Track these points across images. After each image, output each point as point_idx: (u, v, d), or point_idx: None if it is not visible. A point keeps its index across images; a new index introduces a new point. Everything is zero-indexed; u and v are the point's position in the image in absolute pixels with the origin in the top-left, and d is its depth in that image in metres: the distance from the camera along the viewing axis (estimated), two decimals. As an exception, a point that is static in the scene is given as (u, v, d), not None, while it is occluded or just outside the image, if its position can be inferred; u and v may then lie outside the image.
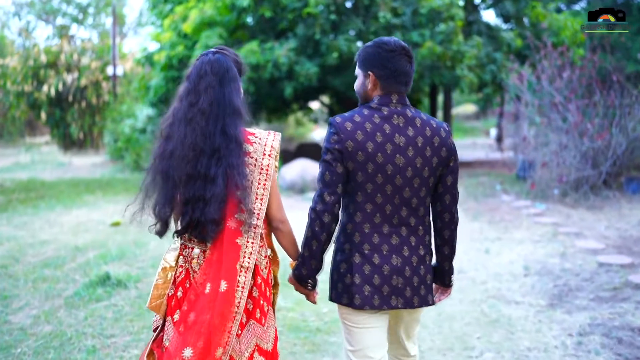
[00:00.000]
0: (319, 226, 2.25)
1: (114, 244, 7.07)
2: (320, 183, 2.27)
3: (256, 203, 2.27)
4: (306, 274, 2.35)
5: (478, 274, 5.79)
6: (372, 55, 2.33)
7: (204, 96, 2.26)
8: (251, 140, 2.30)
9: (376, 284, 2.28)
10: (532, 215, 8.54)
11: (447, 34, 12.82)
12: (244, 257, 2.23)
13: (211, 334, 2.15)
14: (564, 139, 10.19)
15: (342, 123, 2.27)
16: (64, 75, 24.78)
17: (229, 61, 2.34)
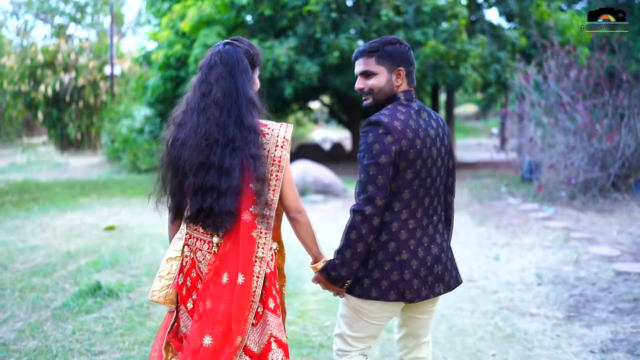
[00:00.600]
0: (367, 229, 2.25)
1: (107, 249, 6.78)
2: (371, 187, 2.24)
3: (269, 194, 2.28)
4: (346, 275, 2.33)
5: (488, 283, 5.51)
6: (398, 52, 2.39)
7: (216, 86, 2.28)
8: (264, 131, 2.30)
9: (422, 276, 2.35)
10: (541, 219, 8.26)
11: (450, 32, 12.55)
12: (259, 247, 2.27)
13: (230, 323, 2.20)
14: (571, 140, 9.91)
15: (391, 122, 2.28)
16: (61, 75, 24.52)
17: (240, 52, 2.33)
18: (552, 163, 9.90)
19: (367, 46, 2.42)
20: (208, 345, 2.20)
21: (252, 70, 2.36)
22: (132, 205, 10.21)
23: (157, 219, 8.81)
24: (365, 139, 2.29)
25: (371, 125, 2.28)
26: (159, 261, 6.27)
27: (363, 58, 2.42)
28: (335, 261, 2.33)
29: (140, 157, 16.15)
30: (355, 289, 2.37)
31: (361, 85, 2.45)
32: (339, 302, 4.76)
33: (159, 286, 2.40)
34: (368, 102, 2.46)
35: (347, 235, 2.29)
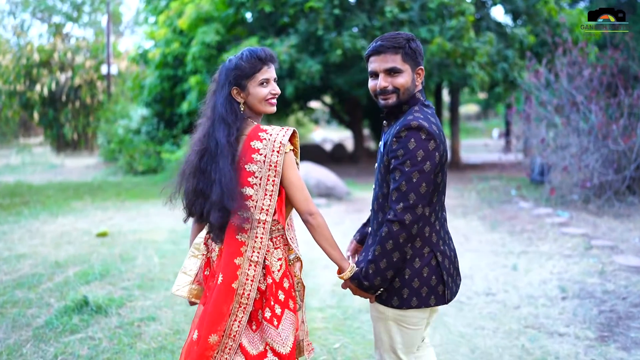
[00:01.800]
0: (404, 239, 2.19)
1: (98, 258, 6.36)
2: (414, 194, 2.17)
3: (265, 199, 2.30)
4: (379, 284, 2.27)
5: (509, 297, 5.09)
6: (419, 50, 2.33)
7: (209, 100, 2.45)
8: (261, 137, 2.33)
9: (452, 273, 2.37)
10: (557, 224, 7.84)
11: (457, 29, 12.12)
12: (253, 251, 2.30)
13: (205, 321, 2.29)
14: (584, 141, 9.49)
15: (430, 127, 2.20)
16: (57, 75, 24.09)
17: (224, 68, 2.41)
18: (565, 165, 9.48)
19: (390, 41, 2.28)
20: (194, 340, 2.34)
21: (229, 85, 2.37)
22: (127, 209, 9.78)
23: (152, 225, 8.44)
24: (406, 144, 2.18)
25: (412, 130, 2.17)
26: (152, 271, 5.86)
27: (387, 54, 2.28)
28: (369, 270, 2.25)
29: (136, 158, 15.71)
30: (394, 300, 2.31)
31: (385, 83, 2.29)
32: (348, 319, 4.34)
33: (183, 282, 2.52)
34: (390, 101, 2.32)
35: (382, 244, 2.20)
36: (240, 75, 2.37)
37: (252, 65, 2.36)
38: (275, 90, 2.42)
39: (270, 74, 2.40)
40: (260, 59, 2.37)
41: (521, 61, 13.92)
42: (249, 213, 2.29)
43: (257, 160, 2.30)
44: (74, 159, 21.46)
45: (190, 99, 14.32)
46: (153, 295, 5.13)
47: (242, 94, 2.39)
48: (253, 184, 2.31)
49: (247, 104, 2.41)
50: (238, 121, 2.36)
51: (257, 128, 2.36)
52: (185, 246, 6.99)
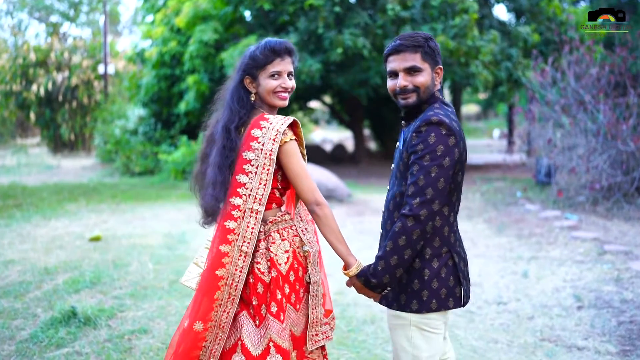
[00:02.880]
0: (418, 235, 2.14)
1: (90, 265, 6.09)
2: (431, 189, 2.14)
3: (259, 188, 2.27)
4: (387, 282, 2.22)
5: (521, 307, 4.82)
6: (437, 49, 2.32)
7: (225, 87, 2.47)
8: (262, 125, 2.31)
9: (466, 275, 2.35)
10: (566, 228, 7.58)
11: (460, 27, 11.86)
12: (244, 241, 2.26)
13: (192, 309, 2.29)
14: (592, 141, 9.23)
15: (450, 123, 2.18)
16: (54, 74, 23.82)
17: (242, 56, 2.44)
18: (573, 166, 9.22)
19: (409, 40, 2.27)
20: (184, 328, 2.31)
21: (241, 73, 2.40)
22: (122, 211, 9.51)
23: (147, 228, 8.17)
24: (426, 139, 2.15)
25: (432, 125, 2.15)
26: (146, 279, 5.59)
27: (407, 53, 2.26)
28: (378, 267, 2.20)
29: (133, 159, 15.43)
30: (412, 303, 2.25)
31: (405, 82, 2.27)
32: (352, 331, 4.07)
33: (193, 273, 2.51)
34: (410, 100, 2.29)
35: (394, 240, 2.16)
36: (253, 65, 2.38)
37: (265, 56, 2.36)
38: (285, 84, 2.39)
39: (283, 67, 2.38)
40: (273, 50, 2.36)
41: (525, 60, 13.66)
42: (240, 200, 2.28)
43: (254, 148, 2.29)
44: (71, 159, 21.18)
45: (187, 98, 14.07)
46: (146, 304, 4.86)
47: (254, 84, 2.40)
48: (248, 172, 2.29)
49: (258, 95, 2.41)
50: (243, 109, 2.37)
51: (261, 117, 2.35)
52: (181, 252, 6.73)
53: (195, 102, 14.02)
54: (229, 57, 12.30)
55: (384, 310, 4.76)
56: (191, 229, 7.97)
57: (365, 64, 12.99)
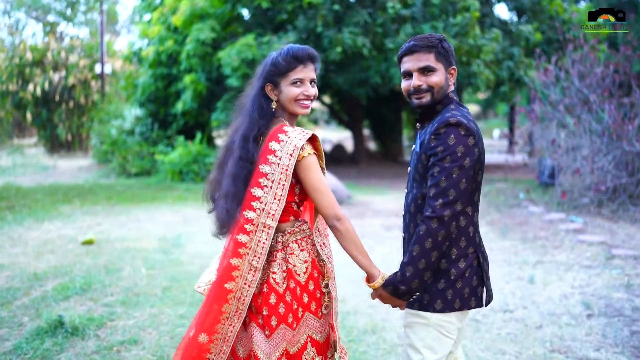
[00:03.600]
0: (443, 236, 2.15)
1: (81, 270, 5.88)
2: (453, 190, 2.14)
3: (273, 203, 2.23)
4: (416, 287, 2.20)
5: (528, 314, 4.63)
6: (451, 50, 2.33)
7: (247, 93, 2.41)
8: (280, 138, 2.26)
9: (489, 275, 2.35)
10: (572, 231, 7.38)
11: (462, 26, 11.66)
12: (254, 256, 2.23)
13: (198, 319, 2.27)
14: (597, 142, 9.04)
15: (469, 123, 2.19)
16: (50, 74, 23.59)
17: (263, 62, 2.39)
18: (577, 168, 9.02)
19: (423, 41, 2.28)
20: (190, 337, 2.29)
21: (263, 80, 2.34)
22: (117, 214, 9.31)
23: (142, 231, 7.96)
24: (445, 140, 2.16)
25: (451, 127, 2.16)
26: (138, 285, 5.39)
27: (421, 53, 2.27)
28: (406, 273, 2.19)
29: (130, 160, 15.22)
30: (436, 303, 2.25)
31: (419, 82, 2.28)
32: (352, 342, 3.87)
33: (206, 280, 2.45)
34: (424, 100, 2.30)
35: (420, 243, 2.15)
36: (275, 72, 2.32)
37: (287, 63, 2.31)
38: (308, 91, 2.33)
39: (306, 74, 2.32)
40: (296, 57, 2.31)
41: (527, 59, 13.47)
42: (254, 214, 2.24)
43: (271, 162, 2.24)
44: (68, 160, 20.95)
45: (184, 98, 13.87)
46: (137, 312, 4.66)
47: (275, 91, 2.34)
48: (263, 186, 2.25)
49: (279, 103, 2.35)
50: (263, 119, 2.32)
51: (279, 128, 2.29)
52: (176, 256, 6.53)
53: (192, 102, 13.82)
54: (226, 56, 12.10)
55: (385, 319, 4.57)
56: (187, 232, 7.77)
57: (365, 63, 12.80)
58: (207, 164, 13.60)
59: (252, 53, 11.92)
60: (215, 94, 14.38)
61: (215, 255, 2.52)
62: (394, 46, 12.00)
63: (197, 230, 7.95)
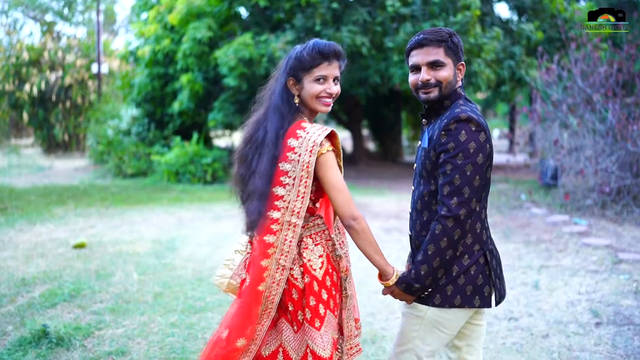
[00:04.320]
0: (459, 235, 2.14)
1: (71, 275, 5.70)
2: (468, 188, 2.12)
3: (297, 201, 2.21)
4: (429, 284, 2.21)
5: (534, 323, 4.44)
6: (460, 45, 2.30)
7: (270, 86, 2.36)
8: (298, 134, 2.23)
9: (499, 273, 2.31)
10: (576, 234, 7.20)
11: (462, 24, 11.47)
12: (282, 254, 2.22)
13: (234, 324, 2.23)
14: (600, 142, 8.86)
15: (479, 119, 2.17)
16: (47, 74, 23.39)
17: (287, 56, 2.35)
18: (581, 169, 8.84)
19: (433, 35, 2.24)
20: (223, 338, 2.24)
21: (287, 75, 2.30)
22: (111, 216, 9.12)
23: (136, 234, 7.77)
24: (457, 137, 2.12)
25: (462, 122, 2.12)
26: (129, 291, 5.21)
27: (430, 47, 2.24)
28: (420, 271, 2.19)
29: (126, 160, 15.02)
30: (435, 298, 2.24)
31: (428, 76, 2.25)
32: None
33: (222, 273, 2.44)
34: (432, 95, 2.27)
35: (436, 242, 2.15)
36: (299, 67, 2.28)
37: (312, 59, 2.26)
38: (331, 89, 2.29)
39: (330, 72, 2.28)
40: (321, 53, 2.26)
41: (528, 58, 13.28)
42: (278, 214, 2.22)
43: (291, 159, 2.21)
44: (65, 160, 20.76)
45: (181, 98, 13.68)
46: (127, 321, 4.47)
47: (297, 86, 2.31)
48: (285, 184, 2.22)
49: (300, 98, 2.32)
50: (291, 114, 2.29)
51: (297, 125, 2.26)
52: (169, 260, 6.34)
53: (189, 101, 13.63)
54: (223, 56, 11.91)
55: (385, 327, 4.39)
56: (181, 235, 7.59)
57: (364, 63, 12.62)
58: (203, 165, 13.41)
59: (249, 52, 11.73)
60: (212, 94, 14.19)
61: (231, 250, 2.48)
62: (393, 45, 11.82)
63: (192, 232, 7.77)
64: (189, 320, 4.47)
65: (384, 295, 2.34)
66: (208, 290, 5.24)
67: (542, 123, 10.32)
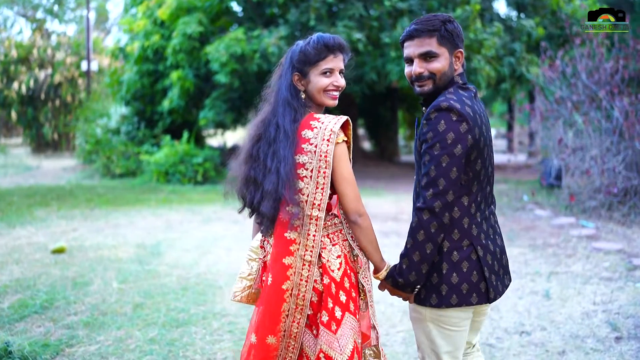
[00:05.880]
0: (435, 228, 2.07)
1: (46, 283, 5.29)
2: (443, 180, 2.05)
3: (317, 193, 2.17)
4: (415, 280, 2.14)
5: (548, 337, 4.06)
6: (457, 31, 2.22)
7: (274, 84, 2.35)
8: (312, 125, 2.21)
9: (497, 270, 2.23)
10: (584, 237, 6.84)
11: (462, 19, 11.09)
12: (306, 250, 2.19)
13: (260, 323, 2.21)
14: (606, 141, 8.50)
15: (463, 108, 2.08)
16: (36, 72, 22.94)
17: (290, 52, 2.33)
18: (587, 169, 8.48)
19: (424, 24, 2.18)
20: (253, 343, 2.23)
21: (293, 70, 2.28)
22: (95, 218, 8.70)
23: (119, 238, 7.33)
24: (435, 126, 2.07)
25: (442, 112, 2.07)
26: (107, 302, 4.80)
27: (421, 38, 2.18)
28: (402, 266, 2.15)
29: (114, 160, 14.58)
30: (432, 298, 2.19)
31: (420, 69, 2.19)
32: None
33: (240, 287, 2.39)
34: (426, 88, 2.21)
35: (413, 235, 2.11)
36: (304, 61, 2.27)
37: (317, 52, 2.25)
38: (338, 82, 2.28)
39: (336, 64, 2.28)
40: (327, 46, 2.27)
41: (529, 55, 12.93)
42: (299, 208, 2.16)
43: (307, 151, 2.18)
44: (54, 160, 20.32)
45: (171, 96, 13.25)
46: (101, 336, 4.07)
47: (303, 81, 2.28)
48: (303, 177, 2.18)
49: (307, 93, 2.29)
50: (302, 107, 2.26)
51: (310, 116, 2.25)
52: (153, 267, 5.93)
53: (179, 99, 13.20)
54: (214, 51, 11.50)
55: (385, 343, 4.00)
56: (168, 239, 7.19)
57: (359, 59, 12.24)
58: (194, 165, 12.99)
59: (241, 48, 11.33)
60: (203, 91, 13.77)
61: (244, 262, 2.43)
62: (390, 41, 11.44)
63: (179, 236, 7.36)
64: (170, 336, 4.07)
65: (381, 290, 2.31)
66: (193, 301, 4.84)
67: (544, 121, 9.95)
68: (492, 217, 2.31)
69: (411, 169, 18.20)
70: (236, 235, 7.38)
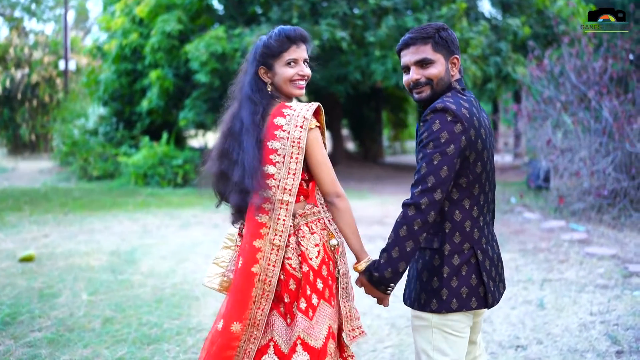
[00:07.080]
0: (419, 225, 2.05)
1: (10, 295, 4.95)
2: (433, 177, 2.05)
3: (288, 178, 2.22)
4: (390, 277, 2.11)
5: (545, 352, 3.81)
6: (452, 38, 2.24)
7: (239, 80, 2.39)
8: (285, 113, 2.26)
9: (493, 275, 2.23)
10: (576, 242, 6.63)
11: (448, 18, 10.88)
12: (275, 234, 2.21)
13: (229, 309, 2.22)
14: (595, 142, 8.32)
15: (459, 110, 2.10)
16: (12, 71, 22.40)
17: (254, 47, 2.37)
18: (577, 170, 8.29)
19: (418, 32, 2.21)
20: (219, 329, 2.21)
21: (256, 63, 2.32)
22: (69, 223, 8.34)
23: (93, 245, 6.98)
24: (430, 126, 2.08)
25: (437, 113, 2.08)
26: (75, 315, 4.49)
27: (417, 45, 2.20)
28: (380, 260, 2.12)
29: (91, 162, 14.17)
30: (432, 303, 2.15)
31: (417, 75, 2.20)
32: None
33: (213, 272, 2.41)
34: (424, 94, 2.22)
35: (396, 230, 2.08)
36: (267, 54, 2.31)
37: (280, 44, 2.30)
38: (303, 71, 2.32)
39: (299, 55, 2.32)
40: (289, 37, 2.30)
41: (515, 55, 12.76)
42: (270, 193, 2.21)
43: (279, 137, 2.23)
44: (30, 162, 19.83)
45: (150, 96, 12.89)
46: (66, 355, 3.75)
47: (269, 73, 2.33)
48: (276, 162, 2.22)
49: (274, 85, 2.34)
50: (264, 100, 2.31)
51: (282, 105, 2.30)
52: (126, 276, 5.61)
53: (158, 99, 12.85)
54: (194, 50, 11.18)
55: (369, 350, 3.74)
56: (144, 245, 6.87)
57: (343, 58, 11.97)
58: (174, 167, 12.63)
59: (222, 46, 11.02)
60: (183, 91, 13.42)
61: (219, 248, 2.45)
62: (374, 40, 11.20)
63: (156, 242, 7.05)
64: (140, 354, 3.77)
65: (358, 286, 2.25)
66: (167, 314, 4.53)
67: (532, 122, 9.77)
68: (491, 223, 2.31)
69: (396, 170, 17.99)
70: (215, 241, 7.08)
